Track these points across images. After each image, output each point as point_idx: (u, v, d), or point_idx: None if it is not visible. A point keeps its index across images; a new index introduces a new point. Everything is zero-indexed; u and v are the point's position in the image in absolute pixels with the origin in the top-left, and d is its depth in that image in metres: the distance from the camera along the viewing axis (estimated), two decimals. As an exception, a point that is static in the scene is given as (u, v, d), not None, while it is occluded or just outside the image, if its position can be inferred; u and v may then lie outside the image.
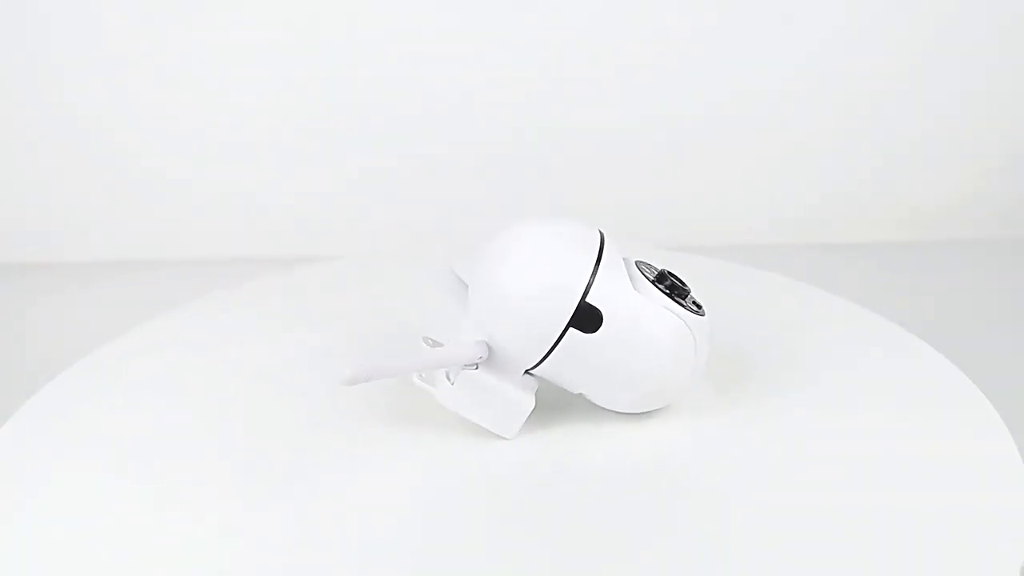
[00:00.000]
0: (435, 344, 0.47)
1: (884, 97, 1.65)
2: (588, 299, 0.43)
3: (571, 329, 0.43)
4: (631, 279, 0.45)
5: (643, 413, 0.48)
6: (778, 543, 0.38)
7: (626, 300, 0.44)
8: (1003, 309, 1.41)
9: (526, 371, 0.45)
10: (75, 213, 1.72)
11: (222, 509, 0.41)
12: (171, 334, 0.62)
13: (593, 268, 0.43)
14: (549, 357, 0.44)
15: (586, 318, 0.43)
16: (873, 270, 1.55)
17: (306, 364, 0.54)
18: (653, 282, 0.45)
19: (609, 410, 0.48)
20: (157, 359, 0.57)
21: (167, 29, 1.57)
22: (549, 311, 0.43)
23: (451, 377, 0.44)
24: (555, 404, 0.48)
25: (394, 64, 1.60)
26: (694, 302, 0.46)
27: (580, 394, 0.47)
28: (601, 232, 0.46)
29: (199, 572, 0.37)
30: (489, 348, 0.44)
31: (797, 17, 1.58)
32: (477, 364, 0.44)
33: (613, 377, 0.45)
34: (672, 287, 0.45)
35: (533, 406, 0.45)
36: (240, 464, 0.45)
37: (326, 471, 0.44)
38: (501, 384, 0.44)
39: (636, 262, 0.46)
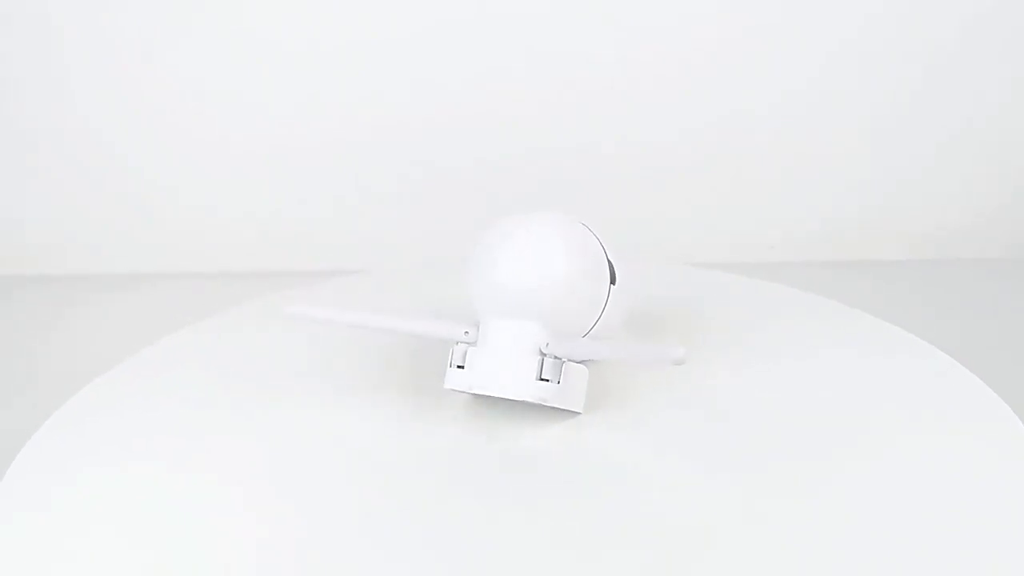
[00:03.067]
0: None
1: (898, 115, 1.66)
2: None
3: (611, 285, 0.50)
4: None
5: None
6: (788, 548, 0.38)
7: (606, 251, 0.51)
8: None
9: None
10: (107, 226, 1.75)
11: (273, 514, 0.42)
12: (194, 347, 0.63)
13: (593, 233, 0.51)
14: (601, 318, 0.50)
15: (612, 273, 0.51)
16: (889, 287, 1.54)
17: (330, 373, 0.56)
18: None
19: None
20: (178, 372, 0.58)
21: (179, 43, 1.60)
22: (596, 277, 0.50)
23: (553, 377, 0.47)
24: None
25: (405, 76, 1.62)
26: None
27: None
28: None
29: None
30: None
31: (811, 33, 1.59)
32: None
33: (620, 317, 0.53)
34: None
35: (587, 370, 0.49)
36: (275, 472, 0.45)
37: (356, 474, 0.44)
38: (567, 365, 0.47)
39: None
